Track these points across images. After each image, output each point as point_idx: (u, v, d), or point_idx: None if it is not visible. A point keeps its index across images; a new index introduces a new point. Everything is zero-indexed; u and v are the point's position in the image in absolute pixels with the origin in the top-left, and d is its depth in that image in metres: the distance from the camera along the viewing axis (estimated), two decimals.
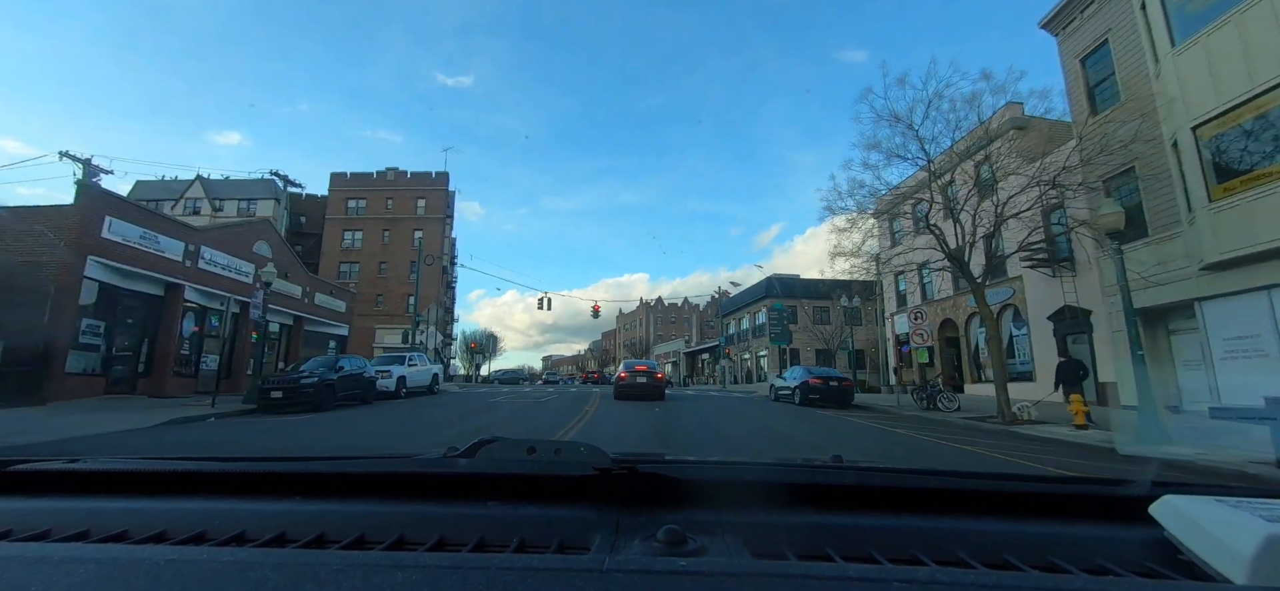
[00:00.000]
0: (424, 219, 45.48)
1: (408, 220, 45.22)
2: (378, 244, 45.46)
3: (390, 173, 47.03)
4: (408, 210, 45.71)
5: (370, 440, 8.99)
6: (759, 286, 45.32)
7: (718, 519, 0.85)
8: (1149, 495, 0.85)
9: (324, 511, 0.87)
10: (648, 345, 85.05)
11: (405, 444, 8.50)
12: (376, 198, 46.15)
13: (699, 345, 66.59)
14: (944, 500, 0.95)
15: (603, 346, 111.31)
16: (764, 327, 44.83)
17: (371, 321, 43.79)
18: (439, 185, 46.82)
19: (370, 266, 44.92)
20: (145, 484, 1.01)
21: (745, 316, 48.49)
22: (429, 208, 46.23)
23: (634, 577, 0.63)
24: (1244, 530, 0.65)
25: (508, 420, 12.30)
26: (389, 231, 45.52)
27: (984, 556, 0.76)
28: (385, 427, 10.67)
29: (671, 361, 71.44)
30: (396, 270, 44.81)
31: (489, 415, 14.20)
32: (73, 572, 0.62)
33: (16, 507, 0.90)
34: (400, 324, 42.18)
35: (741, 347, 47.85)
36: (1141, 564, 0.76)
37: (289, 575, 0.61)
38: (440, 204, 46.32)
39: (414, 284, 44.78)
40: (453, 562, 0.65)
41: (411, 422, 11.54)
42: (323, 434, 9.61)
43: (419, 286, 32.68)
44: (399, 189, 46.67)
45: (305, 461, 1.12)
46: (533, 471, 1.00)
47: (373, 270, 44.83)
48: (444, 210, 46.27)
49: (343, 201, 46.10)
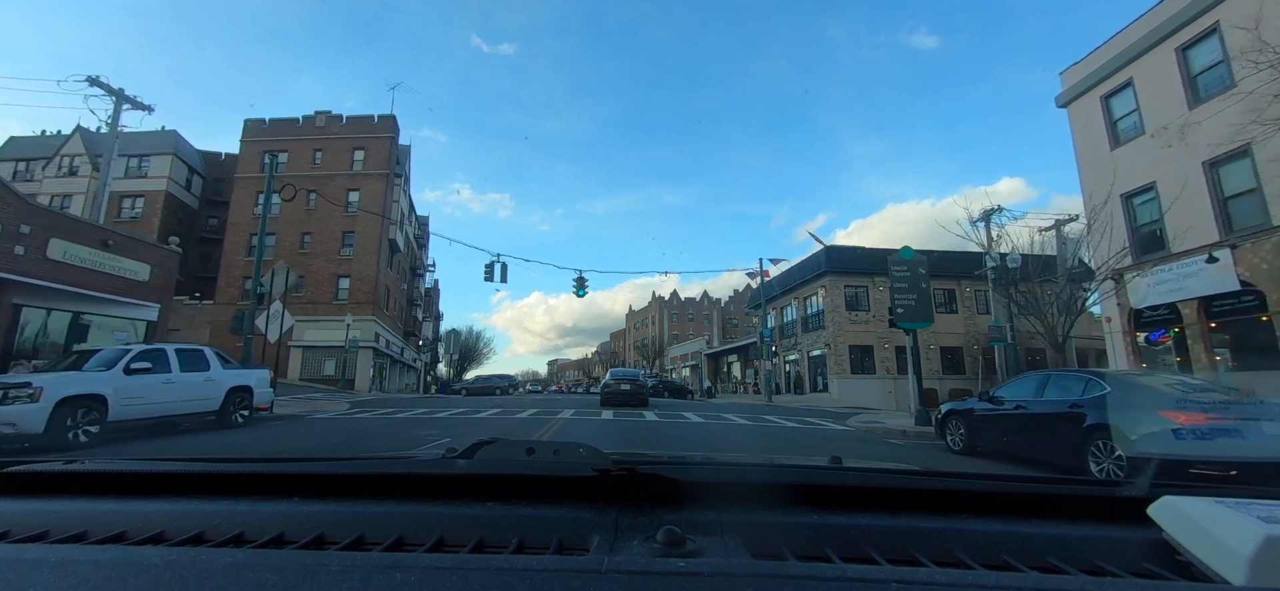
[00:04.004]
0: (361, 175, 34.29)
1: (341, 177, 34.03)
2: (301, 210, 34.37)
3: (320, 118, 35.98)
4: (342, 164, 34.56)
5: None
6: (814, 261, 33.27)
7: (717, 519, 0.84)
8: (1147, 496, 0.85)
9: (323, 512, 0.86)
10: (661, 346, 73.12)
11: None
12: (302, 150, 35.10)
13: (724, 345, 54.57)
14: (942, 501, 0.95)
15: (611, 348, 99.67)
16: (820, 317, 32.68)
17: (291, 310, 32.55)
18: (383, 132, 35.59)
19: (290, 239, 33.84)
20: (144, 485, 1.00)
21: (790, 303, 36.38)
22: (369, 161, 35.03)
23: (633, 578, 0.63)
24: (1242, 531, 0.65)
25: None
26: (316, 193, 34.43)
27: (982, 557, 0.76)
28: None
29: (690, 364, 59.44)
30: (324, 243, 33.64)
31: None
32: (71, 573, 0.62)
33: (14, 509, 0.89)
34: (332, 317, 30.90)
35: (787, 345, 35.68)
36: (1139, 564, 0.76)
37: (288, 576, 0.62)
38: (384, 156, 35.08)
39: (350, 263, 33.65)
40: (452, 563, 0.66)
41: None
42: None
43: (259, 257, 21.24)
44: (330, 138, 35.58)
45: (304, 462, 1.14)
46: (532, 472, 0.99)
47: (293, 244, 33.75)
48: (388, 164, 35.00)
49: (258, 156, 35.14)
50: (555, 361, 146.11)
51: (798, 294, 35.24)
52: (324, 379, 30.91)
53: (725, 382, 51.16)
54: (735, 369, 51.61)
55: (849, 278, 31.36)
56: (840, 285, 31.23)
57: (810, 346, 33.86)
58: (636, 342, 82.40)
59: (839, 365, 30.12)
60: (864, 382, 29.83)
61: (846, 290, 31.31)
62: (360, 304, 32.42)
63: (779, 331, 37.51)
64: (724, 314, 76.72)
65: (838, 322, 30.60)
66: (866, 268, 31.86)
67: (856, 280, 31.47)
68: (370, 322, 32.30)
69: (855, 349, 30.50)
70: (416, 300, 49.22)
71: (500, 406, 19.82)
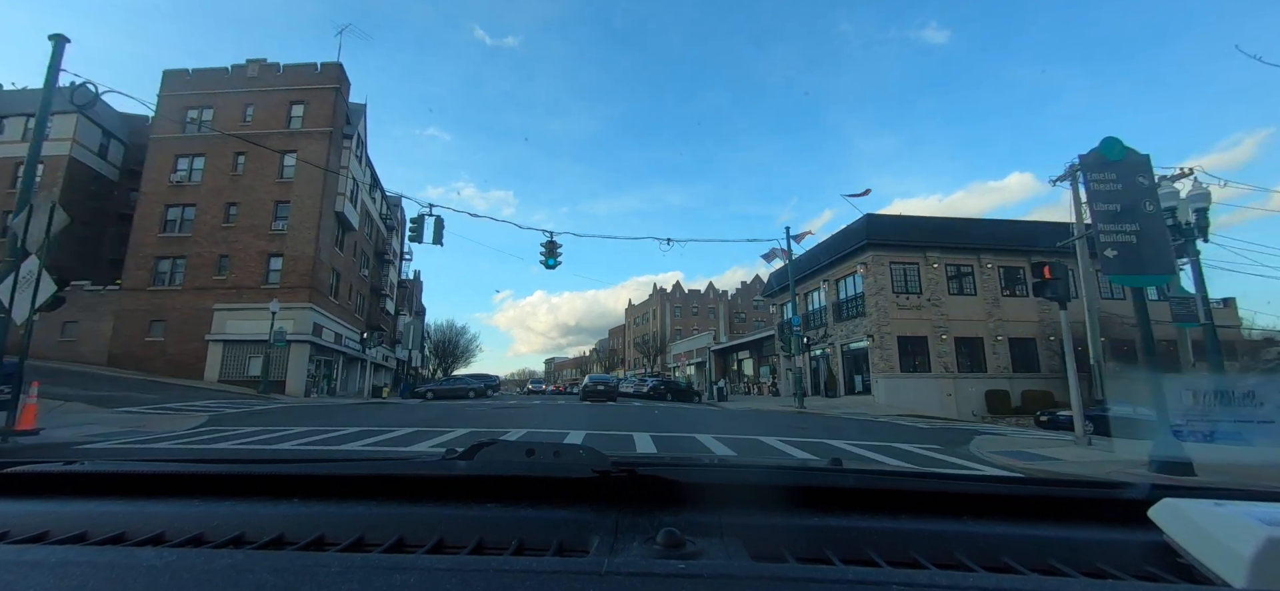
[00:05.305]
0: (301, 134, 28.38)
1: (277, 136, 28.11)
2: (226, 175, 28.49)
3: (253, 66, 30.05)
4: (277, 121, 28.67)
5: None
6: (850, 234, 27.24)
7: (717, 521, 0.84)
8: (1148, 498, 0.85)
9: (323, 513, 0.86)
10: (663, 342, 67.15)
11: None
12: (231, 105, 29.22)
13: (733, 340, 48.63)
14: (943, 503, 0.95)
15: (610, 346, 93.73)
16: (858, 301, 26.67)
17: (210, 297, 26.82)
18: (326, 82, 29.65)
19: (212, 211, 27.96)
20: (143, 486, 1.00)
21: (818, 287, 30.37)
22: (310, 116, 29.11)
23: (633, 580, 0.63)
24: (1243, 533, 0.65)
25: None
26: (245, 155, 28.53)
27: (983, 559, 0.76)
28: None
29: (695, 362, 53.49)
30: (253, 214, 27.76)
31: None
32: (70, 574, 0.62)
33: (14, 510, 0.89)
34: (261, 303, 25.04)
35: (813, 337, 29.63)
36: (1140, 567, 0.76)
37: (288, 577, 0.62)
38: (327, 111, 29.16)
39: (283, 239, 27.77)
40: (452, 565, 0.66)
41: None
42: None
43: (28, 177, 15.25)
44: (264, 90, 29.66)
45: (304, 463, 1.13)
46: (531, 474, 0.99)
47: (216, 217, 27.87)
48: (333, 121, 29.08)
49: (180, 111, 29.27)
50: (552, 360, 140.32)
51: (827, 275, 29.20)
52: (250, 380, 25.11)
53: (735, 382, 45.18)
54: (747, 367, 45.61)
55: (896, 252, 25.35)
56: (885, 261, 25.22)
57: (845, 338, 27.83)
58: (637, 339, 76.44)
59: (886, 361, 24.10)
60: (916, 384, 23.84)
61: (893, 268, 25.30)
62: (294, 288, 26.56)
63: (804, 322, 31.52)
64: (731, 307, 70.76)
65: (883, 308, 24.59)
66: (918, 239, 25.82)
67: (905, 255, 25.44)
68: (306, 311, 26.43)
69: (906, 341, 24.49)
70: (385, 290, 43.36)
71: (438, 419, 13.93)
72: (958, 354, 24.76)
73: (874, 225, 25.51)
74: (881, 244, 25.12)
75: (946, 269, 25.64)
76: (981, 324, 25.35)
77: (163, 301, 27.07)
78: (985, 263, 25.96)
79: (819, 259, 29.47)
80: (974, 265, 25.96)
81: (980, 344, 25.20)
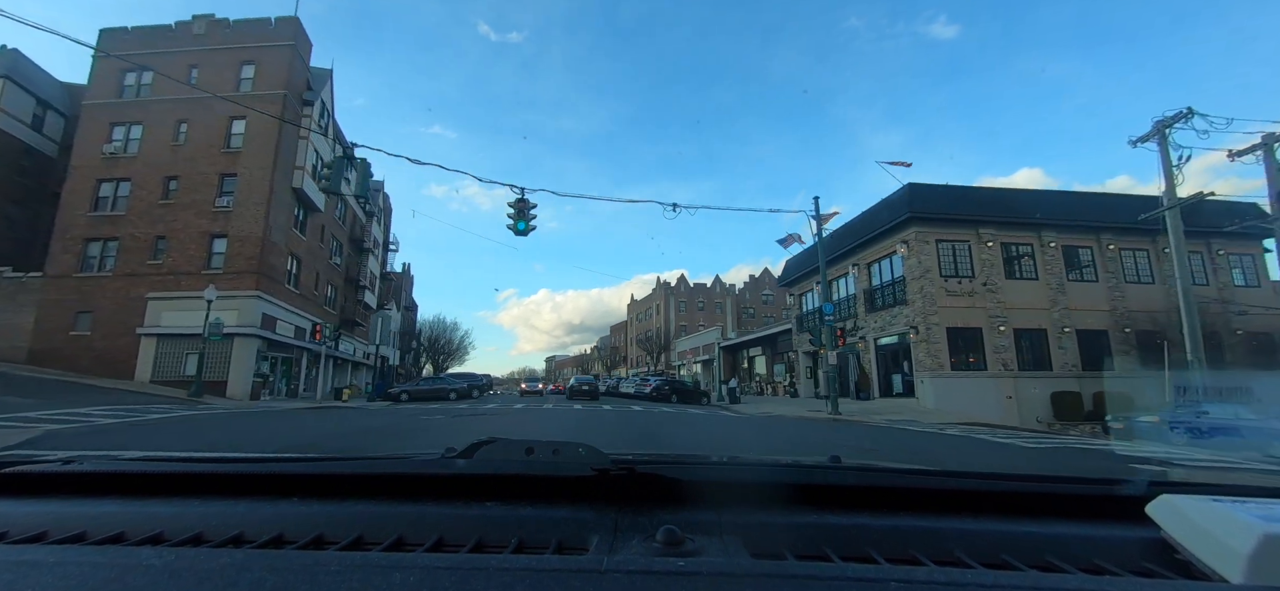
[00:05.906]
0: (252, 97, 24.67)
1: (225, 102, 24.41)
2: (166, 146, 24.86)
3: (199, 23, 26.39)
4: (226, 84, 24.99)
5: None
6: (887, 207, 23.29)
7: (716, 519, 0.84)
8: (1146, 495, 0.85)
9: (322, 512, 0.86)
10: (667, 339, 63.36)
11: None
12: (174, 67, 25.47)
13: (744, 336, 44.82)
14: (942, 500, 0.95)
15: (611, 343, 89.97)
16: (897, 287, 22.78)
17: (144, 285, 23.19)
18: (282, 38, 25.95)
19: (149, 186, 24.34)
20: (143, 485, 0.99)
21: (847, 272, 26.47)
22: (262, 78, 25.43)
23: (632, 578, 0.63)
24: (1240, 529, 0.65)
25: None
26: (187, 123, 24.89)
27: (981, 556, 0.76)
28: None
29: (701, 359, 49.68)
30: (195, 190, 24.12)
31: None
32: (69, 574, 0.62)
33: (13, 509, 0.88)
34: (197, 291, 21.34)
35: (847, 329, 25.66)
36: (1138, 563, 0.76)
37: (287, 576, 0.62)
38: (282, 73, 25.46)
39: (228, 218, 24.13)
40: (451, 563, 0.66)
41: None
42: None
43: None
44: (212, 49, 26.01)
45: (304, 461, 1.13)
46: (531, 472, 0.99)
47: (153, 193, 24.25)
48: (288, 83, 25.38)
49: (117, 77, 25.67)
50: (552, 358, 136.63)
51: (858, 258, 25.30)
52: (186, 380, 21.49)
53: (746, 381, 41.35)
54: (758, 364, 41.73)
55: (943, 228, 21.44)
56: (930, 239, 21.32)
57: (879, 330, 23.94)
58: (639, 335, 72.66)
59: (933, 358, 20.19)
60: (970, 384, 19.95)
61: (940, 246, 21.40)
62: (240, 273, 22.91)
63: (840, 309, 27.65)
64: (739, 302, 66.87)
65: (929, 294, 20.70)
66: (969, 213, 21.88)
67: (955, 233, 21.53)
68: (253, 300, 22.77)
69: (956, 334, 20.58)
70: (363, 282, 39.74)
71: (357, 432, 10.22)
72: (1018, 349, 20.86)
73: (918, 195, 21.57)
74: (926, 218, 21.21)
75: (1003, 249, 21.73)
76: (1045, 313, 21.44)
77: (91, 289, 23.46)
78: (1047, 241, 22.03)
79: (845, 241, 25.59)
80: (1033, 243, 22.04)
81: (1043, 336, 21.29)
